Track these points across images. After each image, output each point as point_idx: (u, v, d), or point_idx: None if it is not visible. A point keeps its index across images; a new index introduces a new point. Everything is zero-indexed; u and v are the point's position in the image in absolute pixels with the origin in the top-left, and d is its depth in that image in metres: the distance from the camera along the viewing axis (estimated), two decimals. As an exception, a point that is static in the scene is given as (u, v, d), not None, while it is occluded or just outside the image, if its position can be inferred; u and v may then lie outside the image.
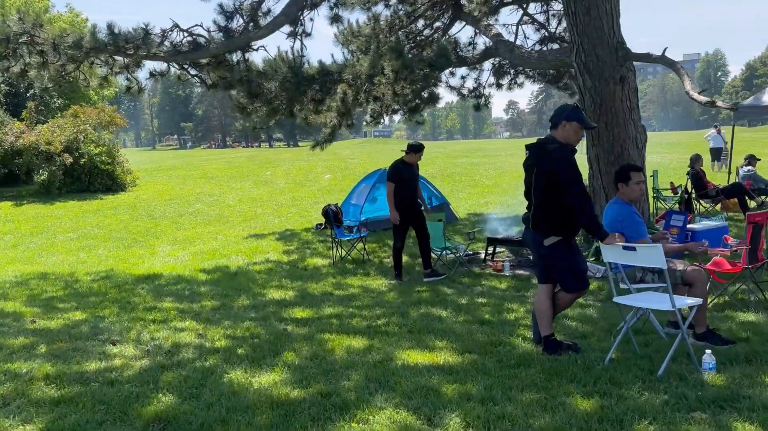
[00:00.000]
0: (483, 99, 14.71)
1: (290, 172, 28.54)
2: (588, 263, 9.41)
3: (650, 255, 4.37)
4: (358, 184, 14.42)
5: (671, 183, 13.78)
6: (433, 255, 9.60)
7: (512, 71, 14.56)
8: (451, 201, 14.86)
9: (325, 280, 8.89)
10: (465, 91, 14.57)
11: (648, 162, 10.43)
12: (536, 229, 4.82)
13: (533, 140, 5.20)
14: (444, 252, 9.48)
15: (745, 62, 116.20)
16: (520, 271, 9.27)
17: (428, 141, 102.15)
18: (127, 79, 9.81)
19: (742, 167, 13.71)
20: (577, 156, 4.91)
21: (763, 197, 13.26)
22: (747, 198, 12.49)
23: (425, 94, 11.26)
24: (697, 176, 12.80)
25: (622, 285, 5.57)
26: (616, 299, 4.77)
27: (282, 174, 27.99)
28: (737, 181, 13.61)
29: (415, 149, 8.97)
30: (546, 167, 4.69)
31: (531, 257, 9.27)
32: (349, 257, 10.40)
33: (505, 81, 14.64)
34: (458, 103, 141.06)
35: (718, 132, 23.32)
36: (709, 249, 6.76)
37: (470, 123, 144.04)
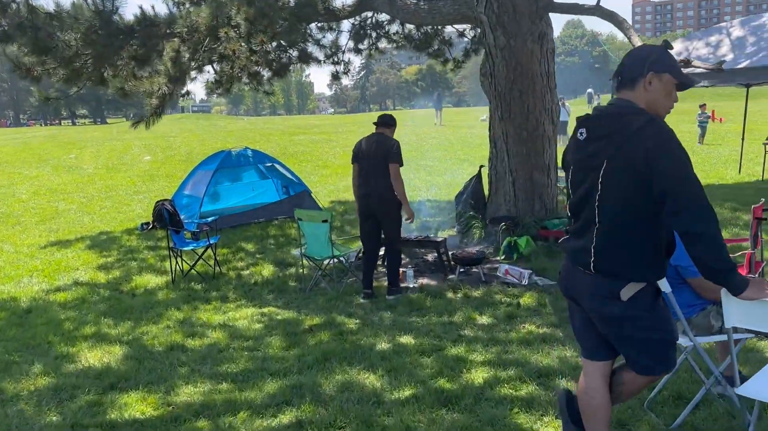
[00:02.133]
0: (342, 66, 12.41)
1: (100, 154, 24.28)
2: (503, 264, 7.60)
3: None
4: (193, 169, 11.52)
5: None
6: (307, 262, 7.25)
7: (374, 34, 12.39)
8: (307, 184, 12.42)
9: (167, 316, 6.18)
10: (322, 56, 12.18)
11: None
12: (602, 270, 2.64)
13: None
14: (332, 261, 7.14)
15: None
16: (426, 280, 7.19)
17: (251, 116, 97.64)
18: None
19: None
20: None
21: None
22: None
23: (294, 52, 8.70)
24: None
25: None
26: (744, 392, 2.72)
27: (90, 157, 23.68)
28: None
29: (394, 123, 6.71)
30: (631, 158, 2.51)
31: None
32: (194, 272, 7.70)
33: (365, 45, 12.43)
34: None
35: (563, 105, 23.01)
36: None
37: (293, 98, 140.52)
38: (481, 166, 8.94)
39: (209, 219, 8.16)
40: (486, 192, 9.01)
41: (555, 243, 7.86)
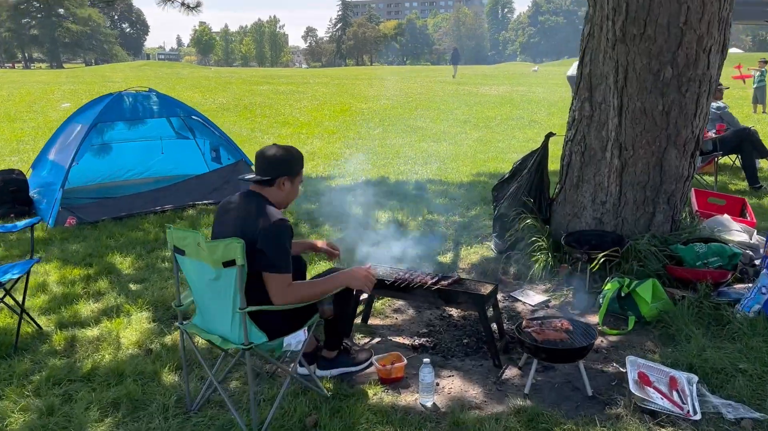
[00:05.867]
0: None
1: (9, 99, 19.71)
2: (633, 358, 3.60)
3: None
4: (66, 121, 7.34)
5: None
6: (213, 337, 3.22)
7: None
8: (251, 149, 8.21)
9: None
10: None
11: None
12: None
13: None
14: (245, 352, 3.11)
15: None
16: (457, 382, 3.29)
17: (221, 67, 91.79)
18: None
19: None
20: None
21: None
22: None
23: None
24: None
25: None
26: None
27: (-4, 101, 19.10)
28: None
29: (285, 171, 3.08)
30: None
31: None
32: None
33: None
34: (254, 27, 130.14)
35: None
36: None
37: (266, 50, 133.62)
38: (550, 134, 4.87)
39: (20, 224, 4.03)
40: (553, 182, 5.03)
41: (712, 295, 3.92)
